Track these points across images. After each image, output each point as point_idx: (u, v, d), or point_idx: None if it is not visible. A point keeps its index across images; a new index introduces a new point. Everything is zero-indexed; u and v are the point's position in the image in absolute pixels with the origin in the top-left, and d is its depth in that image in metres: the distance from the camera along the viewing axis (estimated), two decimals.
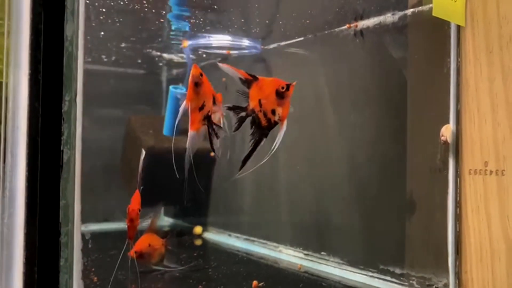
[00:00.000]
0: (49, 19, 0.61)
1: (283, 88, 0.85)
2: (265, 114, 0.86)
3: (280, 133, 0.87)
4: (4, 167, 0.61)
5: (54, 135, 0.62)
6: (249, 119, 0.86)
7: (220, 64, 0.90)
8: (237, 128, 0.87)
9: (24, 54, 0.60)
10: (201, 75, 0.85)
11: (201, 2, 1.45)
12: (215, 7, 1.46)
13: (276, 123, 0.87)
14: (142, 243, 1.22)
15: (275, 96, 0.85)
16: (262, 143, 0.87)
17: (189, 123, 0.85)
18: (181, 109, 0.84)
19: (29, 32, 0.60)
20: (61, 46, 0.62)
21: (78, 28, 0.62)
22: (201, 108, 0.86)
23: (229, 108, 0.87)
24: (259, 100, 0.86)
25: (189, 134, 0.85)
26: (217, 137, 0.88)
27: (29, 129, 0.60)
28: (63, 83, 0.62)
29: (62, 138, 0.62)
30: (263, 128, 0.87)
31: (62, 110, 0.62)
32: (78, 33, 0.62)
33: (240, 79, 0.86)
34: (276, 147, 0.87)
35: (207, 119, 0.87)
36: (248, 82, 0.86)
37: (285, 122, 0.87)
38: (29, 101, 0.60)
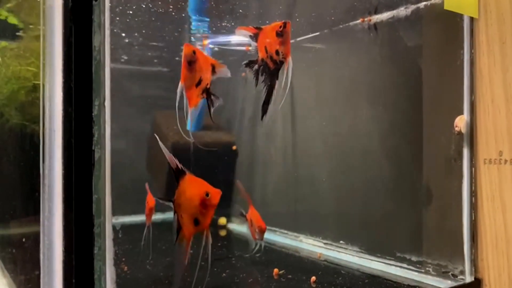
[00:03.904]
0: (78, 32, 0.67)
1: (280, 27, 0.88)
2: (271, 58, 0.90)
3: (289, 69, 0.89)
4: (43, 167, 0.69)
5: (86, 136, 0.68)
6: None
7: (238, 30, 0.94)
8: (257, 83, 0.92)
9: (58, 64, 0.66)
10: (194, 52, 0.87)
11: (220, 2, 1.49)
12: (234, 6, 1.50)
13: (281, 62, 0.90)
14: None
15: (276, 37, 0.88)
16: (276, 86, 0.91)
17: (188, 101, 0.87)
18: (178, 91, 0.86)
19: (62, 45, 0.66)
20: (89, 55, 0.68)
21: (104, 38, 0.68)
22: (198, 83, 0.88)
23: (246, 65, 0.92)
24: (265, 47, 0.90)
25: (189, 112, 0.88)
26: (213, 106, 0.92)
27: (64, 132, 0.67)
28: (92, 89, 0.68)
29: (93, 139, 0.68)
30: (272, 72, 0.91)
31: (93, 114, 0.68)
32: (104, 43, 0.68)
33: (250, 36, 0.92)
34: (289, 83, 0.89)
35: (205, 91, 0.90)
36: (255, 35, 0.92)
37: (289, 59, 0.89)
38: (63, 107, 0.67)
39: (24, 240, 1.02)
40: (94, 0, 0.67)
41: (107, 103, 0.68)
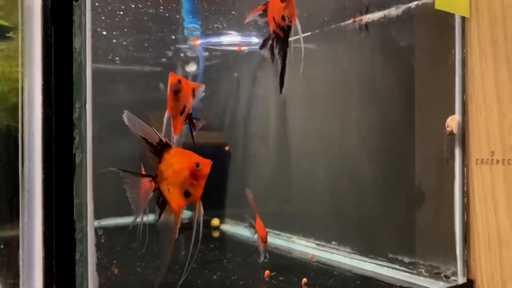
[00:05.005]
0: (58, 33, 0.66)
1: None
2: (279, 26, 0.89)
3: (298, 30, 0.89)
4: (22, 171, 0.67)
5: (66, 140, 0.67)
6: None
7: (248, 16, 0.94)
8: (273, 58, 0.92)
9: (37, 67, 0.65)
10: (180, 81, 0.89)
11: (212, 3, 1.48)
12: (225, 8, 1.49)
13: (289, 26, 0.89)
14: None
15: (280, 3, 0.88)
16: (288, 55, 0.91)
17: (172, 130, 0.89)
18: (165, 120, 0.88)
19: (41, 46, 0.65)
20: (70, 57, 0.66)
21: (85, 39, 0.67)
22: (182, 111, 0.91)
23: (261, 47, 0.92)
24: (273, 18, 0.89)
25: (174, 140, 0.89)
26: (195, 130, 0.94)
27: (44, 135, 0.66)
28: (73, 91, 0.67)
29: (74, 142, 0.67)
30: (282, 40, 0.90)
31: (73, 117, 0.67)
32: (85, 44, 0.67)
33: (260, 15, 0.92)
34: (302, 44, 0.89)
35: (188, 118, 0.93)
36: (264, 11, 0.92)
37: (296, 20, 0.89)
38: (43, 110, 0.65)
39: (9, 243, 1.01)
40: (75, 1, 0.65)
41: (89, 106, 0.67)
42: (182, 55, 1.93)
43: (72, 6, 0.66)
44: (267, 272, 1.27)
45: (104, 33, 1.55)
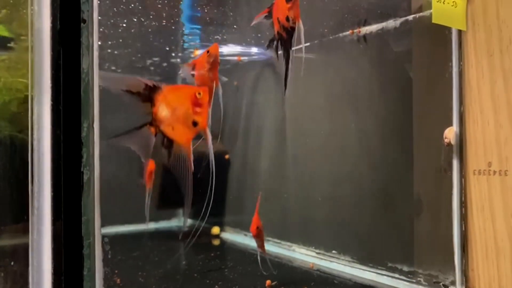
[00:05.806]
0: (67, 54, 0.67)
1: None
2: (283, 28, 0.91)
3: (300, 33, 0.90)
4: (32, 189, 0.69)
5: (74, 158, 0.69)
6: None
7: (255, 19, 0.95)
8: (278, 57, 0.93)
9: (46, 88, 0.66)
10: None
11: (211, 15, 1.50)
12: (225, 19, 1.51)
13: (292, 28, 0.90)
14: None
15: (285, 3, 0.89)
16: (291, 57, 0.92)
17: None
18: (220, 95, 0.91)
19: (50, 68, 0.66)
20: (78, 77, 0.68)
21: (93, 60, 0.68)
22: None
23: (268, 46, 0.95)
24: (277, 19, 0.91)
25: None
26: None
27: (53, 154, 0.67)
28: (81, 111, 0.68)
29: (82, 160, 0.69)
30: (286, 41, 0.92)
31: (81, 136, 0.69)
32: (93, 65, 0.68)
33: (265, 16, 0.95)
34: (303, 42, 0.90)
35: None
36: (269, 13, 0.94)
37: (299, 23, 0.89)
38: (52, 129, 0.67)
39: (17, 259, 1.02)
40: (83, 22, 0.67)
41: (96, 124, 0.69)
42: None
43: (80, 28, 0.68)
44: (268, 281, 1.27)
45: (100, 43, 1.56)
